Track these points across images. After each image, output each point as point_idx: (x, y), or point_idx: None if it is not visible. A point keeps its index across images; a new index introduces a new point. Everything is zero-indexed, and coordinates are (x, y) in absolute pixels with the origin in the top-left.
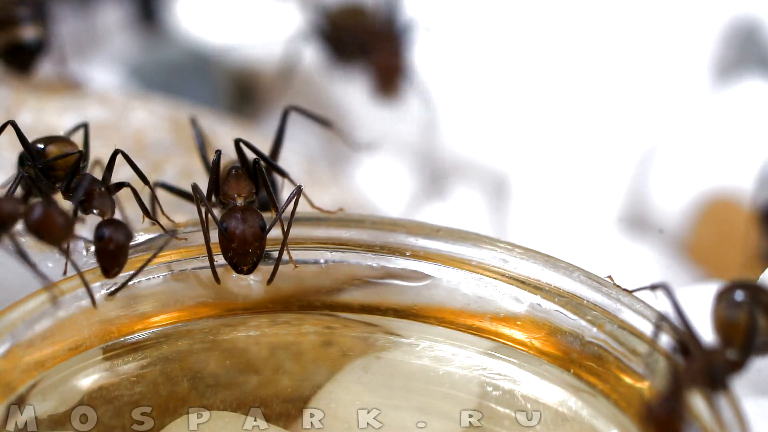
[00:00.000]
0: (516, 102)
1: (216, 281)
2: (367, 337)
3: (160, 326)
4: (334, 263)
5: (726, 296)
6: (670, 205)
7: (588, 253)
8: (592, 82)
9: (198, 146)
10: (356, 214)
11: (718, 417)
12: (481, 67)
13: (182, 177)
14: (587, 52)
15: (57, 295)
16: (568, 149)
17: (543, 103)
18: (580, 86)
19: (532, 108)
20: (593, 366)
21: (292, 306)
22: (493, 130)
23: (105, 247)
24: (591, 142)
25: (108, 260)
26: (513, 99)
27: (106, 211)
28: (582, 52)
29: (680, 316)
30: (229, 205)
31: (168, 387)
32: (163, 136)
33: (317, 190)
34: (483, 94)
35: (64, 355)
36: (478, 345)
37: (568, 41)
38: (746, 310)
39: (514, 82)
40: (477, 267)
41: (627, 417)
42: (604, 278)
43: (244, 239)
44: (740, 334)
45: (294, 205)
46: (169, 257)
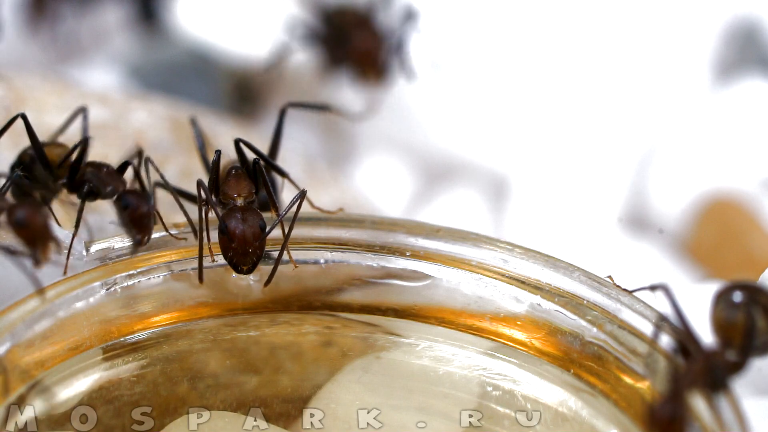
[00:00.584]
0: (516, 102)
1: (200, 280)
2: (367, 337)
3: (160, 326)
4: (334, 263)
5: (724, 297)
6: (670, 205)
7: (588, 253)
8: (592, 82)
9: (198, 146)
10: (356, 214)
11: (718, 417)
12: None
13: (182, 177)
14: (587, 52)
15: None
16: (568, 149)
17: (543, 104)
18: (580, 86)
19: (533, 108)
20: (593, 366)
21: (292, 306)
22: (493, 130)
23: (133, 213)
24: (591, 142)
25: (139, 226)
26: (513, 99)
27: (119, 187)
28: (582, 52)
29: (680, 317)
30: (229, 205)
31: (168, 387)
32: (163, 136)
33: (317, 190)
34: (483, 95)
35: (64, 355)
36: (478, 345)
37: (568, 41)
38: (745, 311)
39: (515, 82)
40: (477, 267)
41: (627, 417)
42: (604, 278)
43: (244, 239)
44: (739, 335)
45: (297, 209)
46: (169, 257)
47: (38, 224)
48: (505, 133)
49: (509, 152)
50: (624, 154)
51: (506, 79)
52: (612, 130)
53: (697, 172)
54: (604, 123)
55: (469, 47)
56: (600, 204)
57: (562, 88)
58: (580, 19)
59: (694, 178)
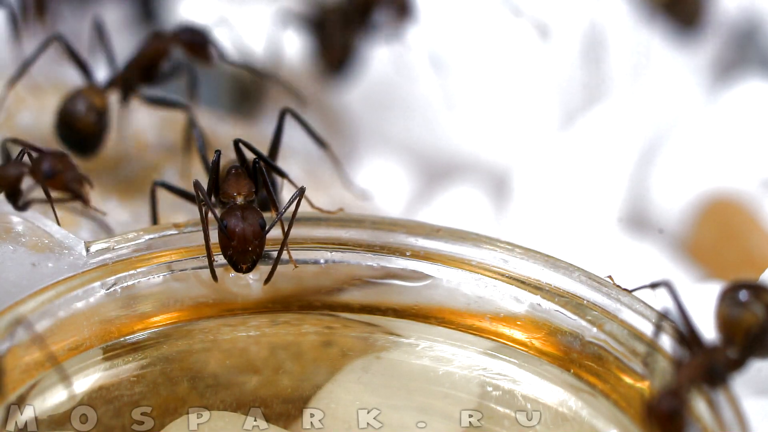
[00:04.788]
0: (517, 101)
1: (214, 279)
2: (367, 337)
3: (160, 326)
4: (334, 263)
5: (729, 295)
6: (670, 205)
7: (588, 253)
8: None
9: (198, 146)
10: (356, 214)
11: (719, 417)
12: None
13: (182, 177)
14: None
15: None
16: (568, 149)
17: (544, 103)
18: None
19: (533, 107)
20: (593, 366)
21: (292, 306)
22: (493, 130)
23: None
24: (591, 141)
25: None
26: (514, 98)
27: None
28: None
29: (682, 313)
30: (229, 204)
31: (168, 387)
32: (163, 136)
33: (317, 190)
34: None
35: (64, 355)
36: (478, 345)
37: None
38: (749, 309)
39: (516, 81)
40: (477, 267)
41: (627, 417)
42: (604, 278)
43: (243, 237)
44: (741, 333)
45: (296, 207)
46: (169, 257)
47: (67, 166)
48: (505, 133)
49: (509, 152)
50: (624, 153)
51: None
52: (612, 130)
53: (697, 172)
54: (604, 122)
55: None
56: (600, 204)
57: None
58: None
59: (694, 178)
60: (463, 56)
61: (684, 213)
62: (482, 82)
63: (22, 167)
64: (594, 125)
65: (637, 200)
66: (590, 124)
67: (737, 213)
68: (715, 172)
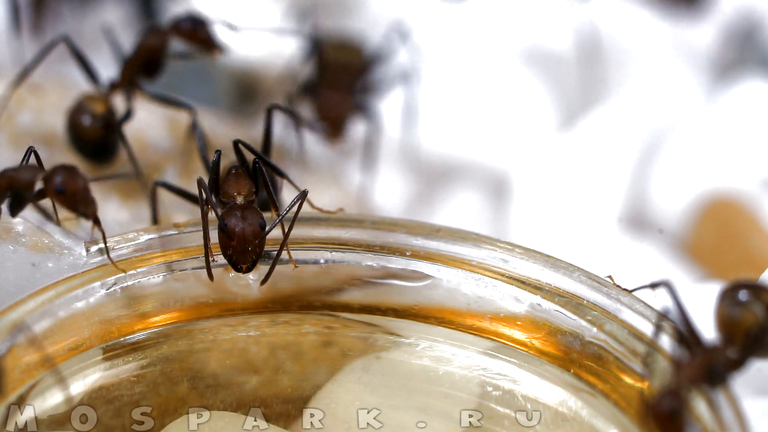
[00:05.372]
0: (516, 102)
1: (210, 278)
2: (367, 337)
3: (160, 326)
4: (334, 263)
5: (729, 295)
6: (670, 205)
7: (588, 253)
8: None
9: (198, 146)
10: (356, 214)
11: (719, 417)
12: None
13: (182, 177)
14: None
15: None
16: (568, 149)
17: (543, 103)
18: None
19: (533, 108)
20: (593, 366)
21: (292, 306)
22: (493, 130)
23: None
24: (591, 141)
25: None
26: (513, 99)
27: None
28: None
29: (682, 313)
30: (229, 203)
31: (168, 387)
32: (163, 136)
33: (317, 190)
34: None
35: (64, 355)
36: (478, 345)
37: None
38: (749, 309)
39: (515, 81)
40: (477, 267)
41: (627, 417)
42: (604, 278)
43: (243, 237)
44: (741, 333)
45: (297, 209)
46: (169, 257)
47: (79, 187)
48: (505, 133)
49: (509, 152)
50: (624, 153)
51: (507, 79)
52: (612, 130)
53: (697, 172)
54: (604, 122)
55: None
56: (600, 204)
57: (562, 87)
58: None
59: (694, 178)
60: (463, 56)
61: (684, 213)
62: (482, 82)
63: (36, 172)
64: (594, 125)
65: (637, 200)
66: (590, 124)
67: (737, 213)
68: (715, 172)
